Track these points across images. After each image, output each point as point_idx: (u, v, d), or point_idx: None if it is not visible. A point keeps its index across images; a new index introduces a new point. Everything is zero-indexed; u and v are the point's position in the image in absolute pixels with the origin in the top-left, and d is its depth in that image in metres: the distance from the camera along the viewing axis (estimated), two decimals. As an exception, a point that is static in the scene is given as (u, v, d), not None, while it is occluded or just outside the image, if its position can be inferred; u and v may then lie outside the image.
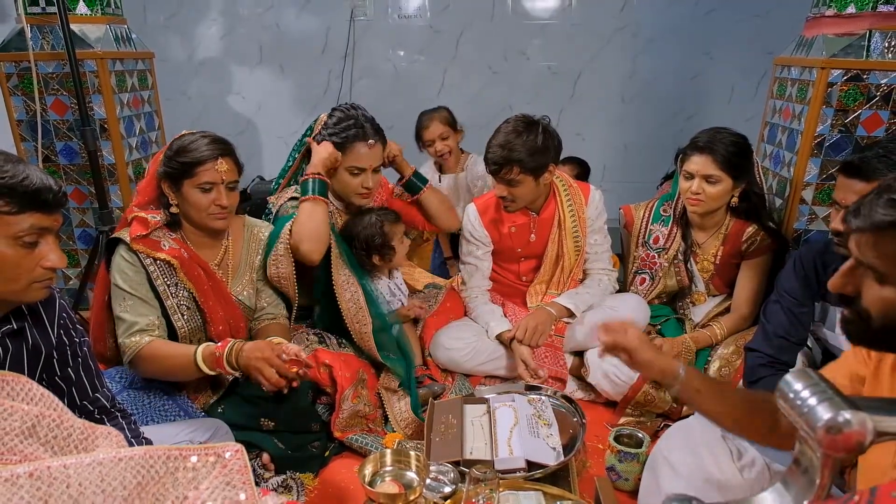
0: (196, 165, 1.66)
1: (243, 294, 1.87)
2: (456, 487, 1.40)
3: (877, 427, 0.71)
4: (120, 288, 1.64)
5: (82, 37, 2.28)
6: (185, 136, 1.72)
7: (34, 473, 0.69)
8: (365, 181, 2.05)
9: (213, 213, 1.72)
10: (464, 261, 2.33)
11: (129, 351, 1.62)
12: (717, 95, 4.00)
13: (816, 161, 2.12)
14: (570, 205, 2.23)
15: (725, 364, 1.99)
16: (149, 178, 1.74)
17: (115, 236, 1.69)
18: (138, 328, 1.63)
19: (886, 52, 1.99)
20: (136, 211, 1.71)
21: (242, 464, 0.81)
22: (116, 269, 1.66)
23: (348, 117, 2.02)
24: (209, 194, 1.69)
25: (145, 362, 1.62)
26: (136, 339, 1.62)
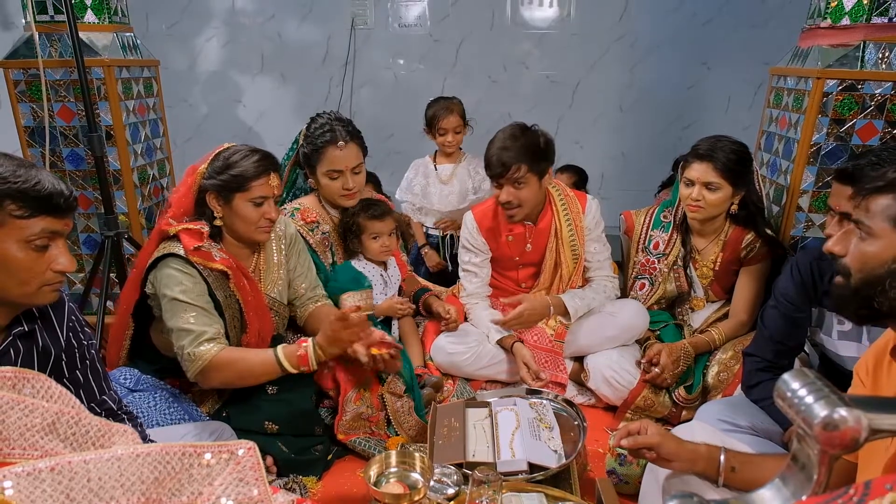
0: (250, 180, 1.68)
1: (275, 291, 1.91)
2: (459, 489, 1.41)
3: (871, 424, 0.73)
4: (180, 300, 1.63)
5: (90, 44, 2.31)
6: (232, 149, 1.73)
7: (55, 468, 0.71)
8: (345, 183, 2.08)
9: (262, 227, 1.75)
10: (463, 268, 2.35)
11: (201, 360, 1.61)
12: (715, 105, 4.04)
13: (813, 169, 2.15)
14: (566, 214, 2.25)
15: (724, 369, 2.01)
16: (185, 191, 1.74)
17: (165, 253, 1.66)
18: (207, 337, 1.63)
19: (880, 63, 2.03)
20: (173, 223, 1.70)
21: (255, 461, 0.83)
22: (171, 282, 1.64)
23: (320, 125, 2.08)
24: (260, 208, 1.72)
25: (218, 370, 1.62)
26: (206, 348, 1.62)
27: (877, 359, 1.09)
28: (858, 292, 0.99)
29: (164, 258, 1.66)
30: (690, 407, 2.01)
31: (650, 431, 1.27)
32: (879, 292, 0.96)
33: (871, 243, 0.97)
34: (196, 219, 1.74)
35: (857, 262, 0.99)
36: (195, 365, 1.61)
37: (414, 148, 3.18)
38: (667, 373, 2.00)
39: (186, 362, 1.63)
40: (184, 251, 1.65)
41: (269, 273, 1.90)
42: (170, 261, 1.65)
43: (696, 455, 1.23)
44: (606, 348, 2.17)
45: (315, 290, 2.02)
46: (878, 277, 0.96)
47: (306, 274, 2.01)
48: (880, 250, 0.96)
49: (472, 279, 2.34)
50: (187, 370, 1.64)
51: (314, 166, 2.09)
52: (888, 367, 1.04)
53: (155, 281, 1.68)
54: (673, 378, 2.03)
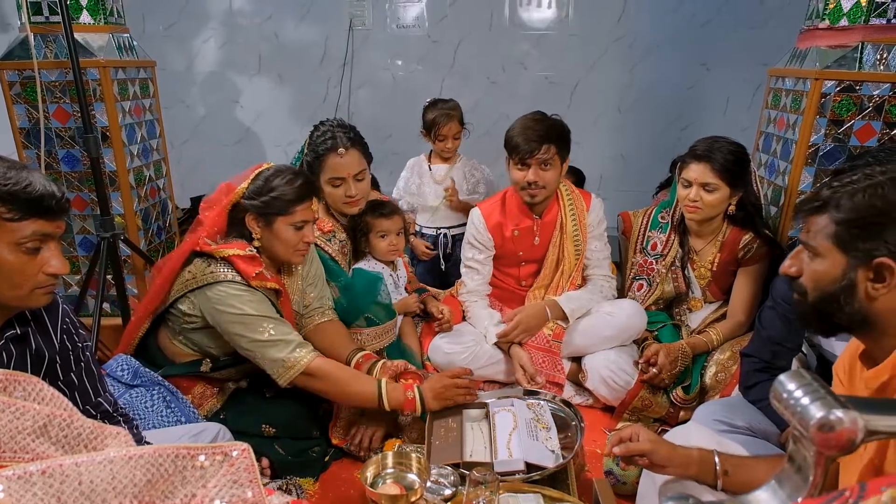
0: (294, 204, 1.70)
1: (294, 302, 1.92)
2: (456, 490, 1.41)
3: (867, 425, 0.73)
4: (254, 315, 1.64)
5: (85, 45, 2.30)
6: (274, 170, 1.74)
7: (47, 471, 0.70)
8: (347, 190, 2.06)
9: (300, 250, 1.76)
10: (466, 264, 2.35)
11: (298, 365, 1.63)
12: (713, 105, 4.04)
13: (811, 170, 2.15)
14: (571, 209, 2.26)
15: (721, 370, 2.01)
16: (220, 210, 1.74)
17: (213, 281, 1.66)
18: (298, 343, 1.65)
19: (878, 64, 2.03)
20: (210, 243, 1.70)
21: (249, 462, 0.83)
22: (237, 301, 1.64)
23: (321, 133, 2.06)
24: (300, 231, 1.73)
25: (316, 378, 1.66)
26: (301, 353, 1.64)
27: (850, 360, 1.10)
28: (816, 309, 1.02)
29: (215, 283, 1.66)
30: (688, 407, 2.01)
31: (642, 438, 1.26)
32: (836, 308, 0.98)
33: (819, 262, 0.99)
34: (232, 238, 1.75)
35: (810, 282, 1.02)
36: (293, 371, 1.63)
37: (412, 148, 3.17)
38: (664, 373, 2.00)
39: (280, 369, 1.64)
40: (241, 276, 1.66)
41: (292, 287, 1.91)
42: (223, 285, 1.65)
43: (688, 460, 1.23)
44: (604, 349, 2.17)
45: (323, 301, 2.01)
46: (832, 294, 0.98)
47: (316, 283, 2.00)
48: (829, 268, 0.98)
49: (473, 276, 2.34)
50: (280, 376, 1.65)
51: (317, 174, 2.06)
52: (860, 371, 1.05)
53: (200, 301, 1.68)
54: (671, 378, 2.03)
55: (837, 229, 0.96)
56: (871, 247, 0.93)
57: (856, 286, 0.96)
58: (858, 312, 0.97)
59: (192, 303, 1.70)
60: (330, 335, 1.96)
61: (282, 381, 1.65)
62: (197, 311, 1.70)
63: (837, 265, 0.97)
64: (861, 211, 0.94)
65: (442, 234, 2.94)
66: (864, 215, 0.93)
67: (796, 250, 1.06)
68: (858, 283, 0.95)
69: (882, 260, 0.92)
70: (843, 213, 0.95)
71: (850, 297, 0.96)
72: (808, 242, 1.01)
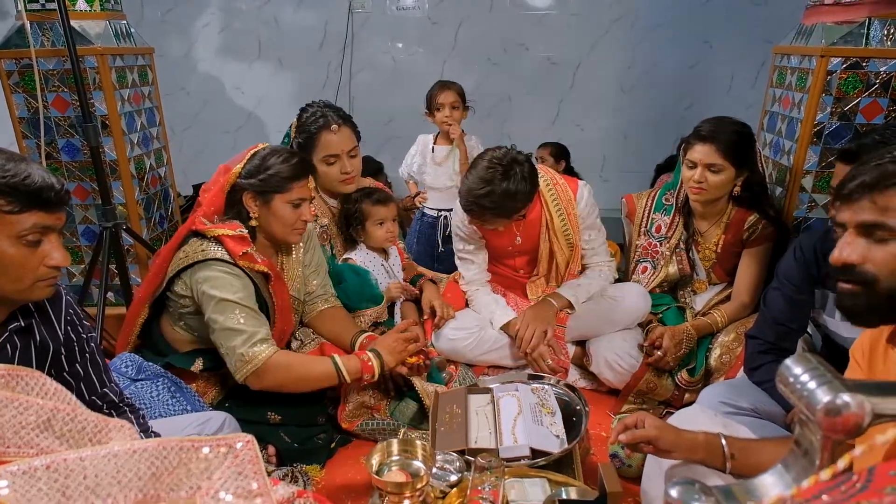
0: (291, 181, 1.70)
1: (294, 290, 1.92)
2: (462, 476, 1.41)
3: (874, 409, 0.73)
4: (230, 301, 1.62)
5: (82, 33, 2.28)
6: (270, 150, 1.74)
7: (51, 466, 0.70)
8: (343, 167, 2.08)
9: (297, 229, 1.77)
10: (459, 256, 2.34)
11: (254, 361, 1.61)
12: (717, 84, 3.99)
13: (816, 149, 2.13)
14: (556, 204, 2.17)
15: (726, 351, 2.00)
16: (218, 190, 1.74)
17: (203, 259, 1.65)
18: (260, 338, 1.63)
19: (885, 40, 1.99)
20: (205, 222, 1.70)
21: (253, 454, 0.83)
22: (219, 283, 1.63)
23: (311, 113, 2.08)
24: (298, 209, 1.73)
25: (272, 372, 1.64)
26: (260, 349, 1.62)
27: (872, 343, 1.07)
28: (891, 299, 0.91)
29: (205, 261, 1.65)
30: (693, 390, 2.01)
31: (647, 424, 1.26)
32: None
33: None
34: (228, 218, 1.74)
35: (885, 268, 0.90)
36: (248, 366, 1.62)
37: (413, 132, 3.15)
38: (669, 356, 2.00)
39: (238, 363, 1.63)
40: (229, 255, 1.66)
41: (291, 271, 1.91)
42: (213, 264, 1.65)
43: (695, 445, 1.22)
44: (609, 332, 2.17)
45: (326, 289, 2.03)
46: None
47: (318, 270, 2.01)
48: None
49: (469, 266, 2.32)
50: (237, 371, 1.64)
51: (310, 154, 2.07)
52: (884, 352, 1.03)
53: (191, 281, 1.67)
54: (675, 361, 2.03)
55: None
56: None
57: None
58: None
59: (185, 283, 1.70)
60: (334, 320, 1.99)
61: (238, 375, 1.64)
62: (188, 291, 1.70)
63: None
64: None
65: (443, 216, 2.94)
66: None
67: (849, 236, 0.95)
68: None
69: None
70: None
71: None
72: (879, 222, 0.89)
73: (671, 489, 0.80)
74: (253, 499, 0.79)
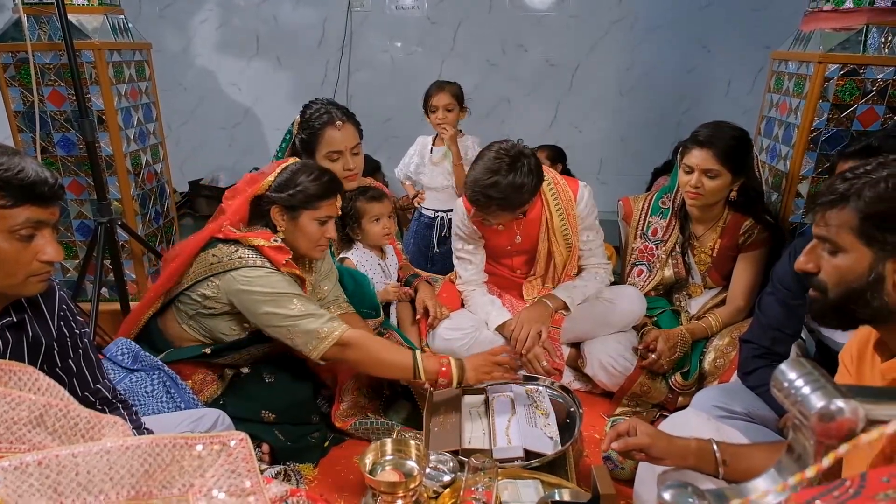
0: (321, 199, 1.72)
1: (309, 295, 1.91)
2: (455, 476, 1.41)
3: (868, 415, 0.73)
4: (285, 293, 1.65)
5: (79, 27, 2.26)
6: (301, 165, 1.76)
7: (43, 462, 0.70)
8: (346, 163, 2.09)
9: (321, 245, 1.79)
10: (457, 256, 2.33)
11: (333, 335, 1.63)
12: (715, 89, 4.01)
13: (812, 155, 2.14)
14: (556, 204, 2.18)
15: (720, 355, 2.01)
16: (243, 200, 1.76)
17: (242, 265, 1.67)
18: (329, 316, 1.66)
19: (883, 48, 2.00)
20: (234, 230, 1.71)
21: (247, 452, 0.83)
22: (267, 282, 1.65)
23: (315, 110, 2.08)
24: (324, 227, 1.75)
25: (354, 346, 1.65)
26: (335, 325, 1.64)
27: (860, 349, 1.09)
28: (838, 306, 0.98)
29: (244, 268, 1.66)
30: (687, 393, 2.01)
31: (640, 431, 1.26)
32: (861, 304, 0.95)
33: (842, 258, 0.95)
34: (254, 228, 1.76)
35: (832, 278, 0.97)
36: (326, 341, 1.62)
37: (412, 132, 3.15)
38: (663, 359, 2.00)
39: (314, 340, 1.63)
40: (270, 263, 1.68)
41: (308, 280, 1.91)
42: (252, 270, 1.66)
43: (686, 451, 1.23)
44: (604, 334, 2.17)
45: (337, 293, 2.02)
46: (857, 290, 0.94)
47: (329, 276, 2.01)
48: (853, 264, 0.94)
49: (466, 266, 2.32)
50: (314, 350, 1.63)
51: (313, 151, 2.07)
52: (871, 359, 1.04)
53: (226, 285, 1.68)
54: (669, 364, 2.03)
55: (861, 223, 0.92)
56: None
57: (884, 280, 0.92)
58: (885, 306, 0.93)
59: (217, 286, 1.70)
60: None
61: (315, 353, 1.64)
62: (221, 294, 1.70)
63: (863, 260, 0.93)
64: (887, 202, 0.90)
65: (439, 217, 2.94)
66: (890, 206, 0.90)
67: (811, 245, 1.02)
68: (887, 276, 0.92)
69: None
70: (866, 206, 0.91)
71: (877, 292, 0.93)
72: (828, 237, 0.97)
73: (664, 492, 0.80)
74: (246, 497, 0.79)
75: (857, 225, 0.92)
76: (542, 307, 2.16)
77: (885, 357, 1.01)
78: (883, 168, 0.93)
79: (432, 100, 2.82)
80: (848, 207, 0.93)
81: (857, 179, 0.94)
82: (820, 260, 1.00)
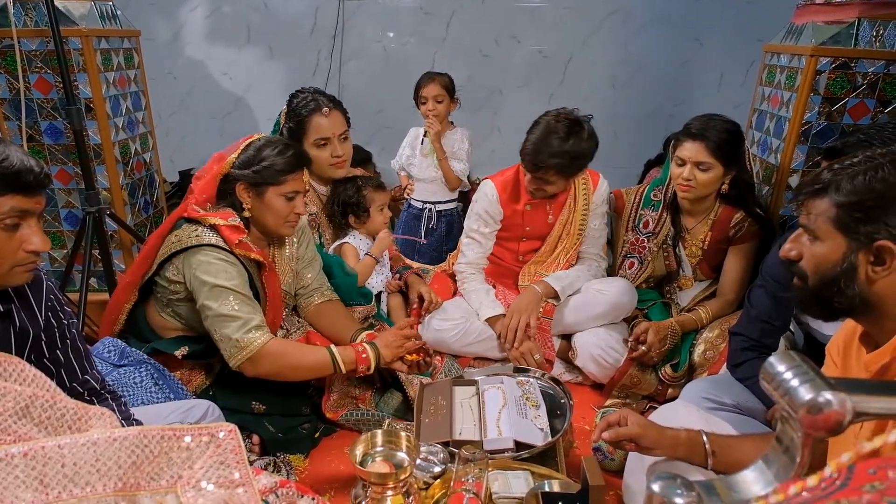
0: (285, 173, 1.69)
1: (286, 283, 1.90)
2: (445, 467, 1.42)
3: (856, 407, 0.73)
4: (224, 287, 1.61)
5: (66, 14, 2.23)
6: (265, 141, 1.73)
7: (29, 453, 0.69)
8: (334, 150, 2.09)
9: (290, 222, 1.75)
10: (468, 235, 2.33)
11: (249, 347, 1.59)
12: (707, 82, 4.00)
13: (803, 148, 2.14)
14: (584, 189, 2.26)
15: (710, 347, 2.02)
16: (210, 179, 1.73)
17: (198, 244, 1.64)
18: (254, 325, 1.61)
19: (874, 41, 2.01)
20: (198, 209, 1.69)
21: (236, 443, 0.82)
22: (213, 269, 1.61)
23: (301, 98, 2.08)
24: (291, 202, 1.72)
25: (266, 360, 1.61)
26: (255, 335, 1.60)
27: (846, 342, 1.11)
28: (817, 294, 1.01)
29: (199, 247, 1.63)
30: (676, 385, 2.02)
31: (630, 422, 1.27)
32: (836, 293, 0.98)
33: (819, 246, 0.99)
34: (221, 207, 1.73)
35: (810, 266, 1.01)
36: (243, 352, 1.60)
37: (404, 123, 3.13)
38: (653, 351, 2.01)
39: (232, 349, 1.60)
40: (224, 243, 1.64)
41: (282, 265, 1.90)
42: (207, 249, 1.63)
43: (676, 442, 1.24)
44: (594, 326, 2.18)
45: (321, 282, 2.01)
46: (832, 279, 0.98)
47: (312, 264, 2.00)
48: (829, 252, 0.98)
49: (475, 248, 2.32)
50: (231, 357, 1.61)
51: (301, 139, 2.07)
52: (857, 352, 1.05)
53: (184, 267, 1.65)
54: (659, 356, 2.04)
55: (838, 212, 0.95)
56: (873, 230, 0.93)
57: (856, 269, 0.95)
58: (858, 296, 0.96)
59: (177, 267, 1.68)
60: (332, 315, 1.97)
61: (232, 361, 1.62)
62: (180, 276, 1.68)
63: (838, 248, 0.96)
64: (862, 194, 0.93)
65: (427, 209, 2.94)
66: (864, 198, 0.93)
67: (796, 233, 1.05)
68: (859, 266, 0.95)
69: (883, 243, 0.92)
70: (843, 196, 0.94)
71: (850, 281, 0.96)
72: (808, 226, 1.00)
73: (653, 483, 0.80)
74: (235, 488, 0.78)
75: (834, 214, 0.96)
76: (531, 294, 2.18)
77: (869, 349, 1.02)
78: (865, 161, 0.95)
79: (422, 90, 2.81)
80: (826, 197, 0.97)
81: (841, 171, 0.97)
82: (803, 248, 1.03)
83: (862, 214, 0.93)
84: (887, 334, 0.97)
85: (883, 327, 0.98)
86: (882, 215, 0.92)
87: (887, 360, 0.96)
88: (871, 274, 0.94)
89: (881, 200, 0.92)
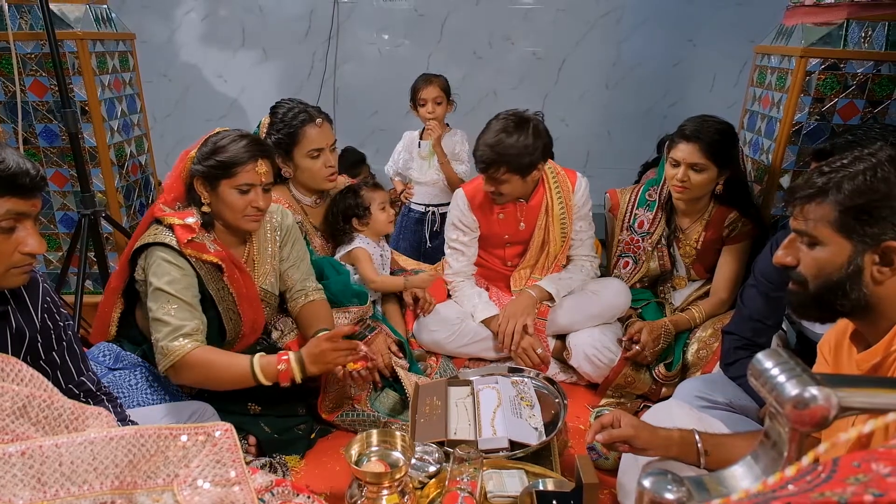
0: (235, 165, 1.63)
1: (267, 283, 1.87)
2: (441, 467, 1.43)
3: (841, 402, 0.75)
4: (164, 291, 1.58)
5: (62, 17, 2.24)
6: (221, 134, 1.69)
7: (26, 452, 0.70)
8: (327, 161, 2.08)
9: (249, 215, 1.70)
10: (450, 246, 2.34)
11: (172, 355, 1.55)
12: (700, 83, 4.03)
13: (794, 148, 2.16)
14: (557, 192, 2.23)
15: (703, 346, 2.03)
16: (175, 176, 1.70)
17: (153, 241, 1.62)
18: (183, 332, 1.58)
19: (863, 42, 2.03)
20: (164, 209, 1.67)
21: (232, 442, 0.83)
22: (159, 271, 1.59)
23: (288, 109, 2.06)
24: (246, 196, 1.66)
25: (189, 369, 1.57)
26: (179, 343, 1.56)
27: (837, 339, 1.11)
28: (818, 299, 0.99)
29: (154, 245, 1.62)
30: (670, 384, 2.04)
31: (623, 423, 1.27)
32: (840, 296, 0.97)
33: (821, 251, 0.97)
34: (187, 205, 1.71)
35: (811, 271, 0.99)
36: (167, 359, 1.57)
37: (398, 125, 3.14)
38: (647, 350, 2.02)
39: (159, 355, 1.58)
40: (176, 242, 1.61)
41: (262, 264, 1.87)
42: (159, 249, 1.61)
43: (669, 442, 1.25)
44: (589, 326, 2.19)
45: (305, 283, 1.98)
46: (837, 282, 0.96)
47: (298, 265, 1.97)
48: (832, 256, 0.96)
49: (458, 258, 2.33)
50: (159, 363, 1.59)
51: (291, 150, 2.05)
52: (848, 350, 1.06)
53: (145, 266, 1.64)
54: (653, 355, 2.05)
55: (841, 215, 0.93)
56: (879, 230, 0.92)
57: (862, 272, 0.94)
58: (863, 298, 0.95)
59: (141, 267, 1.66)
60: (309, 317, 1.93)
61: (160, 367, 1.60)
62: (143, 275, 1.66)
63: (842, 252, 0.95)
64: (866, 195, 0.91)
65: (430, 212, 2.94)
66: (869, 199, 0.91)
67: (789, 239, 1.03)
68: (865, 268, 0.94)
69: (890, 243, 0.91)
70: (846, 199, 0.92)
71: (855, 284, 0.95)
72: (805, 231, 0.98)
73: (644, 479, 0.82)
74: (231, 486, 0.79)
75: (837, 218, 0.94)
76: (526, 298, 2.18)
77: (861, 348, 1.03)
78: (859, 161, 0.95)
79: (421, 93, 2.81)
80: (827, 201, 0.95)
81: (836, 173, 0.95)
82: (798, 253, 1.01)
83: (867, 216, 0.92)
84: (880, 334, 0.97)
85: (877, 327, 0.98)
86: (889, 215, 0.91)
87: (879, 359, 0.97)
88: (876, 275, 0.94)
89: (886, 200, 0.91)
